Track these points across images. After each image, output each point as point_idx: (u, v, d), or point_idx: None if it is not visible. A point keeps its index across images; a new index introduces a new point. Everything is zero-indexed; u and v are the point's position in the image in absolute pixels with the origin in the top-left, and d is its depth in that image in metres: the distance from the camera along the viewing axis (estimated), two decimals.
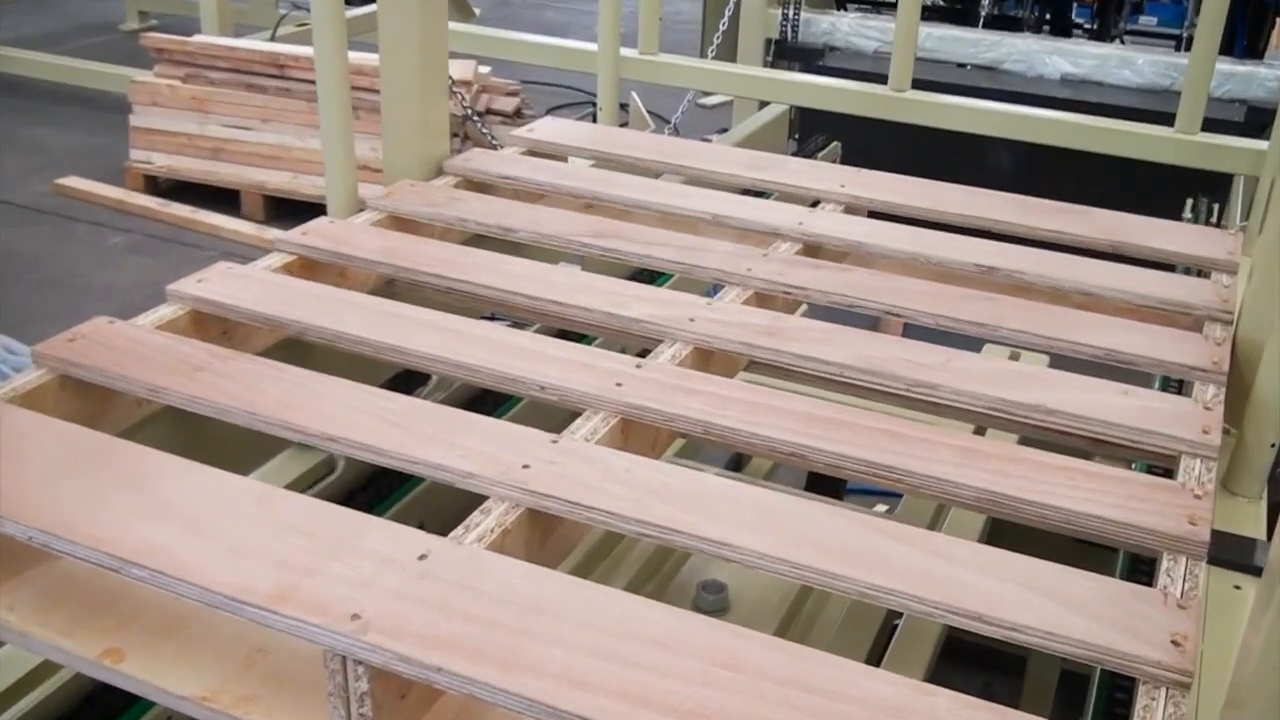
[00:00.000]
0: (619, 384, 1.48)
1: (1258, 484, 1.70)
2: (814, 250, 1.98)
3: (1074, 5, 6.97)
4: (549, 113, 5.47)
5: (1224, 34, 3.35)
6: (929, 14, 5.33)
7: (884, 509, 2.65)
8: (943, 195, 2.18)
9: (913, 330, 1.78)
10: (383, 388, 1.49)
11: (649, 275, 2.07)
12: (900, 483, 1.35)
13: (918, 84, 3.70)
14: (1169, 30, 7.18)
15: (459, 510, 1.26)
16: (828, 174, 2.31)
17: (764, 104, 3.64)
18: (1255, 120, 4.39)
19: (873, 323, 1.94)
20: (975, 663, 2.23)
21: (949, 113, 3.63)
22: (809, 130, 3.91)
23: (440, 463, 1.30)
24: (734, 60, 5.01)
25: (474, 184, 2.20)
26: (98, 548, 1.13)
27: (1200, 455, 1.42)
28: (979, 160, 4.41)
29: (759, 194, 2.30)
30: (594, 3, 3.98)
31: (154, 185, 5.18)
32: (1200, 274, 2.00)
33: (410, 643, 1.02)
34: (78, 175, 5.25)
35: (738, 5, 5.02)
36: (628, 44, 3.86)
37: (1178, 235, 2.07)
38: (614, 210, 2.12)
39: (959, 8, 6.46)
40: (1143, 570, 1.46)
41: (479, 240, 1.99)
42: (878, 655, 1.69)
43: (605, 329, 1.72)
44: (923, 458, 1.36)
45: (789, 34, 5.30)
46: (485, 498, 1.26)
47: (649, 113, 4.85)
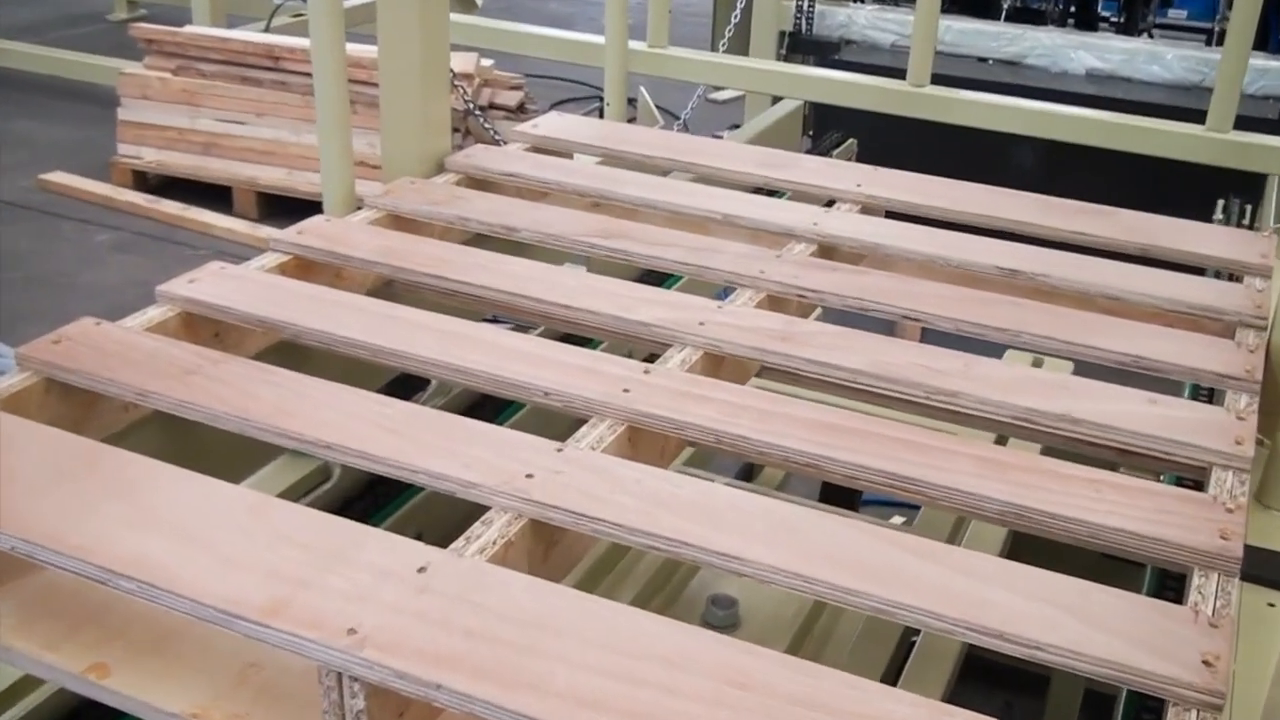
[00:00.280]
0: (626, 390, 1.48)
1: None
2: (829, 252, 1.98)
3: None
4: (554, 108, 5.48)
5: (1258, 28, 3.35)
6: (949, 6, 5.32)
7: (900, 521, 2.65)
8: (963, 195, 2.18)
9: (931, 335, 1.78)
10: (380, 393, 1.50)
11: (657, 277, 2.07)
12: (919, 494, 1.35)
13: (937, 79, 3.70)
14: (1199, 24, 7.18)
15: (459, 520, 1.26)
16: (843, 172, 2.31)
17: (777, 99, 3.63)
18: None
19: (889, 327, 1.94)
20: (995, 682, 2.23)
21: (970, 109, 3.63)
22: (824, 127, 3.92)
23: (441, 471, 1.30)
24: (746, 54, 5.01)
25: (476, 181, 2.21)
26: (83, 558, 1.13)
27: (1232, 467, 1.41)
28: (1001, 159, 4.41)
29: (772, 193, 2.30)
30: None
31: (143, 181, 5.20)
32: (1232, 278, 1.99)
33: (409, 659, 1.02)
34: (63, 170, 5.26)
35: None
36: (636, 36, 3.86)
37: (1208, 237, 2.07)
38: (621, 209, 2.12)
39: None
40: (1171, 587, 1.46)
41: (481, 240, 1.99)
42: (894, 674, 1.69)
43: (612, 333, 1.72)
44: (942, 469, 1.36)
45: (803, 26, 5.30)
46: (487, 508, 1.27)
47: (658, 108, 4.86)
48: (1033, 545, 1.42)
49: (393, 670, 1.01)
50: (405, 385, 1.82)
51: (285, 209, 4.83)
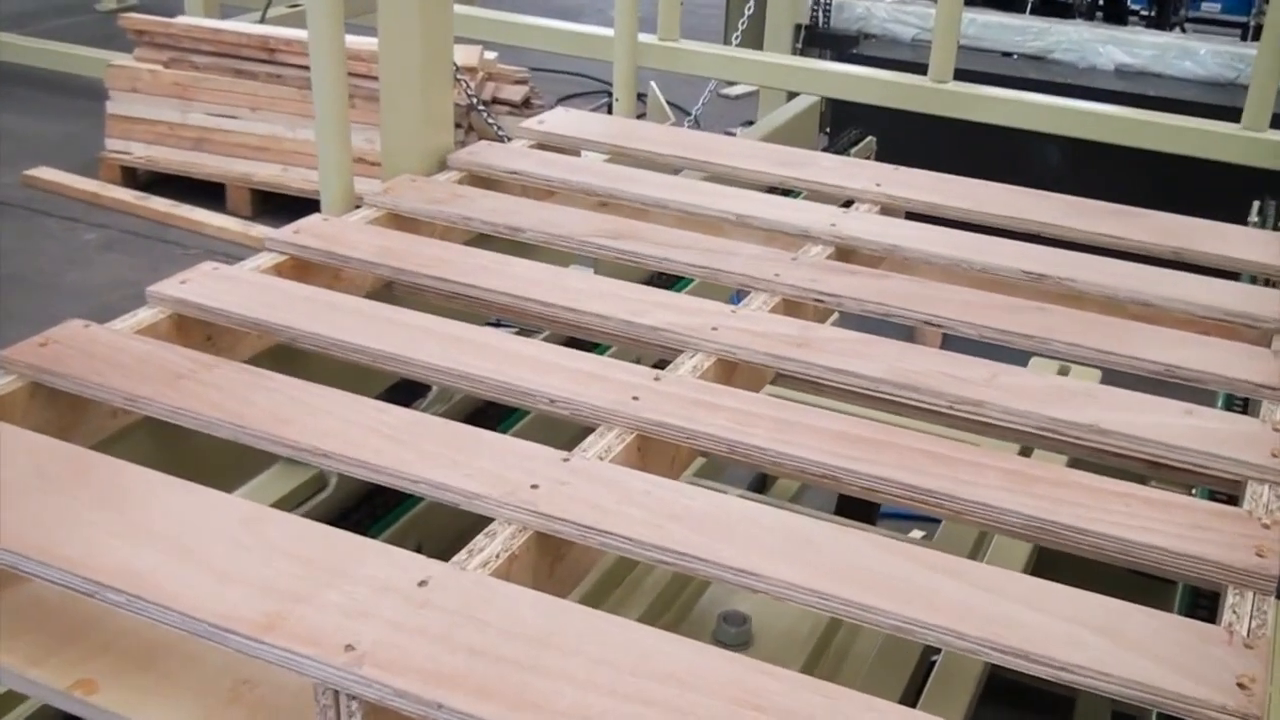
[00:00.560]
0: (635, 398, 1.48)
1: None
2: (847, 254, 1.98)
3: None
4: (560, 103, 5.48)
5: None
6: None
7: (920, 536, 2.65)
8: (987, 195, 2.18)
9: (953, 342, 1.78)
10: (379, 399, 1.50)
11: (668, 280, 2.07)
12: (941, 508, 1.35)
13: (960, 75, 3.70)
14: (1234, 17, 7.17)
15: (460, 532, 1.27)
16: (862, 172, 2.31)
17: (793, 95, 3.64)
18: None
19: (909, 333, 1.94)
20: (1019, 703, 2.22)
21: (993, 106, 3.63)
22: (841, 124, 3.91)
23: (442, 482, 1.30)
24: (760, 47, 5.01)
25: (479, 179, 2.21)
26: (70, 570, 1.14)
27: (1269, 481, 1.41)
28: (1026, 158, 4.41)
29: (787, 193, 2.30)
30: None
31: (132, 177, 5.21)
32: (1268, 283, 1.99)
33: (409, 677, 1.02)
34: (49, 166, 5.28)
35: None
36: (646, 29, 3.87)
37: (1243, 240, 2.07)
38: (630, 209, 2.13)
39: None
40: (1204, 606, 1.45)
41: (484, 240, 1.99)
42: (913, 695, 1.68)
43: (620, 338, 1.72)
44: (966, 481, 1.36)
45: (820, 19, 5.31)
46: (490, 520, 1.27)
47: (668, 104, 4.87)
48: (1059, 562, 1.41)
49: (392, 689, 1.01)
50: (405, 391, 1.82)
51: (280, 207, 4.85)
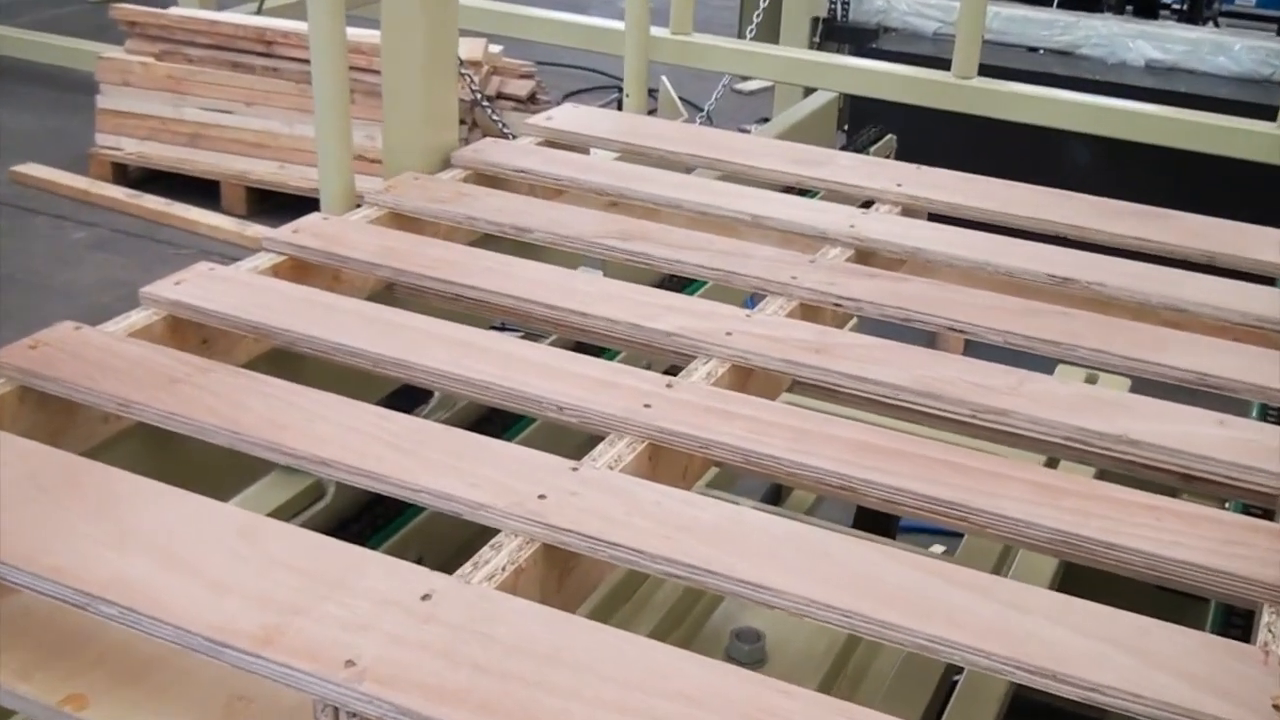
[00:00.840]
0: (647, 405, 1.48)
1: None
2: (866, 257, 1.98)
3: None
4: (568, 98, 5.49)
5: None
6: None
7: (941, 550, 2.64)
8: (1012, 196, 2.18)
9: (976, 348, 1.78)
10: (380, 405, 1.50)
11: (680, 283, 2.08)
12: (964, 521, 1.35)
13: (984, 70, 3.70)
14: (1270, 12, 7.16)
15: (463, 544, 1.27)
16: (882, 171, 2.32)
17: (810, 91, 3.64)
18: None
19: (930, 339, 1.94)
20: None
21: (1019, 103, 3.63)
22: (860, 121, 3.91)
23: (446, 491, 1.30)
24: (776, 41, 5.02)
25: (485, 178, 2.22)
26: (60, 581, 1.14)
27: None
28: (1053, 157, 4.41)
29: (804, 192, 2.30)
30: None
31: (123, 174, 5.23)
32: None
33: (411, 694, 1.03)
34: (37, 162, 5.30)
35: None
36: (658, 22, 3.87)
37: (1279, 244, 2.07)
38: (641, 209, 2.13)
39: None
40: (1237, 624, 1.46)
41: (489, 241, 2.00)
42: (935, 716, 1.68)
43: (631, 343, 1.72)
44: (990, 493, 1.36)
45: (839, 12, 5.31)
46: (495, 531, 1.27)
47: (680, 99, 4.87)
48: (1086, 577, 1.41)
49: (394, 705, 1.02)
50: (407, 397, 1.82)
51: (276, 206, 4.87)
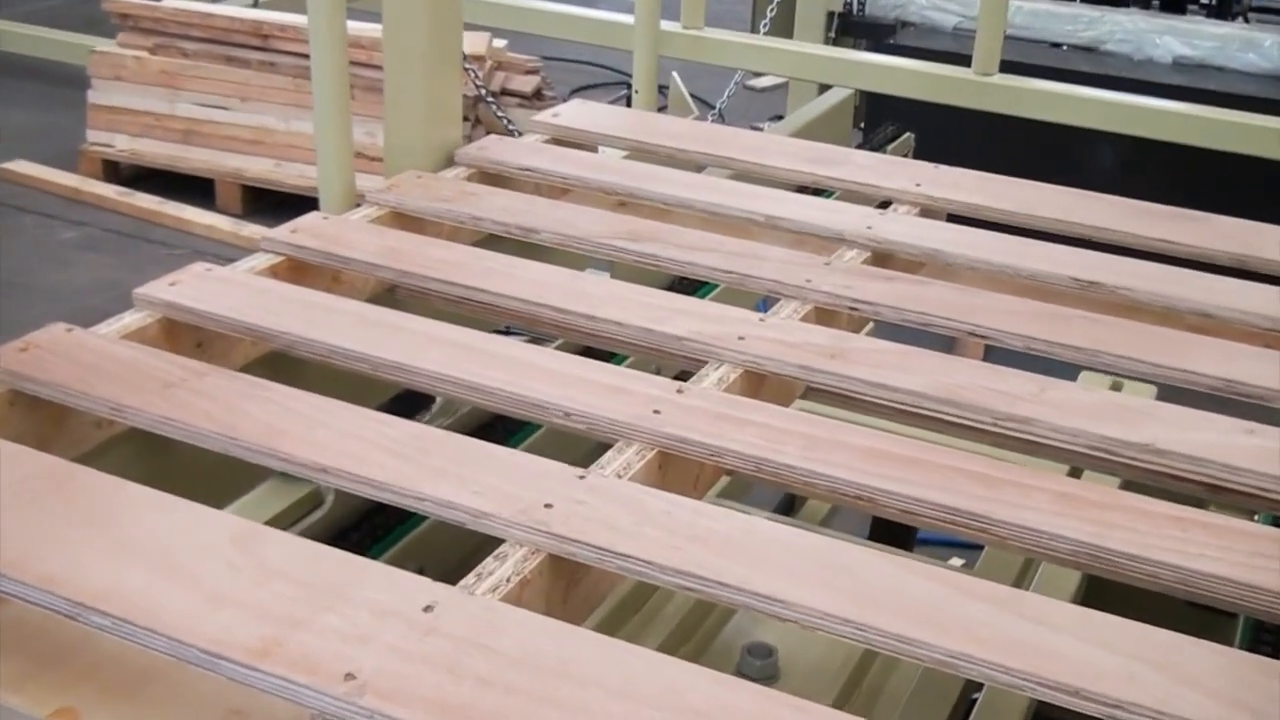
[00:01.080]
0: (656, 411, 1.48)
1: None
2: (884, 259, 1.99)
3: None
4: (574, 94, 5.50)
5: None
6: None
7: (960, 563, 2.64)
8: (1034, 197, 2.18)
9: (997, 354, 1.78)
10: (380, 410, 1.51)
11: (691, 285, 2.08)
12: (983, 532, 1.35)
13: (1006, 66, 3.70)
14: None
15: (465, 554, 1.27)
16: (900, 170, 2.32)
17: (825, 88, 3.64)
18: None
19: (950, 344, 1.94)
20: None
21: (1042, 101, 3.63)
22: (878, 119, 3.92)
23: (449, 499, 1.31)
24: (790, 36, 5.03)
25: (489, 176, 2.22)
26: (51, 590, 1.14)
27: None
28: (1077, 156, 4.41)
29: (819, 192, 2.30)
30: None
31: (115, 172, 5.24)
32: None
33: (413, 708, 1.03)
34: (26, 159, 5.31)
35: None
36: (668, 16, 3.88)
37: None
38: (651, 209, 2.13)
39: None
40: (1268, 640, 1.46)
41: (494, 241, 2.00)
42: None
43: (640, 347, 1.73)
44: (1010, 503, 1.36)
45: (855, 6, 5.32)
46: (500, 541, 1.27)
47: (692, 96, 4.87)
48: (1110, 591, 1.41)
49: None
50: (409, 403, 1.83)
51: (272, 205, 4.88)
